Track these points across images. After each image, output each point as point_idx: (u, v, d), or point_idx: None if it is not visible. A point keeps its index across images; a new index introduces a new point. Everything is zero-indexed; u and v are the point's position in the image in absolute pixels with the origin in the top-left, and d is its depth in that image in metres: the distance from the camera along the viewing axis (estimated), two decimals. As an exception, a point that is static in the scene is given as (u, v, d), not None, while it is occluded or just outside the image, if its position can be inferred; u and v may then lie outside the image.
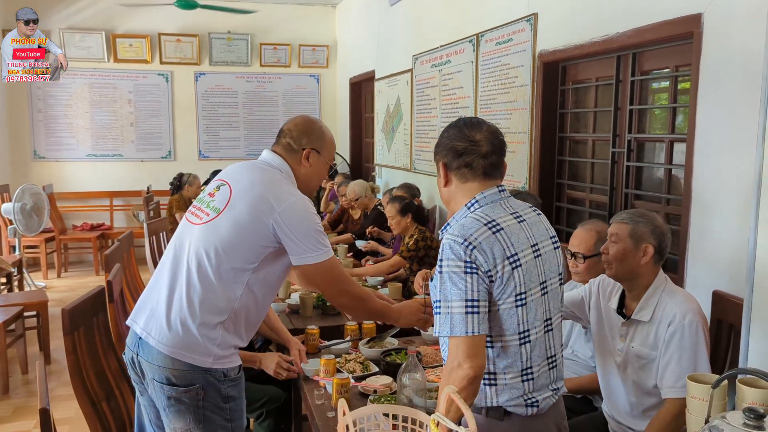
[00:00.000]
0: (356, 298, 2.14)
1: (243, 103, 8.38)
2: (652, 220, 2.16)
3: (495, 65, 4.19)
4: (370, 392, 2.47)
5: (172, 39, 8.02)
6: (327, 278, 2.05)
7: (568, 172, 3.74)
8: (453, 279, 1.57)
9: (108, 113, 7.94)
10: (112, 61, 7.90)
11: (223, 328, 1.94)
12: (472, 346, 1.55)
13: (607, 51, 3.19)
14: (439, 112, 5.11)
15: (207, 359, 1.92)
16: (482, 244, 1.58)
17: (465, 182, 1.70)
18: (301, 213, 1.99)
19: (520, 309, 1.64)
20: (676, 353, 2.02)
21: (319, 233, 2.01)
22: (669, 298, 2.10)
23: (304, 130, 2.17)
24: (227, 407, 1.98)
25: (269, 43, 8.32)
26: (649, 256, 2.11)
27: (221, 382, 1.96)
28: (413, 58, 5.65)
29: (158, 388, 1.92)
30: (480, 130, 1.70)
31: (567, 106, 3.70)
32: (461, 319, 1.55)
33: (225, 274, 1.93)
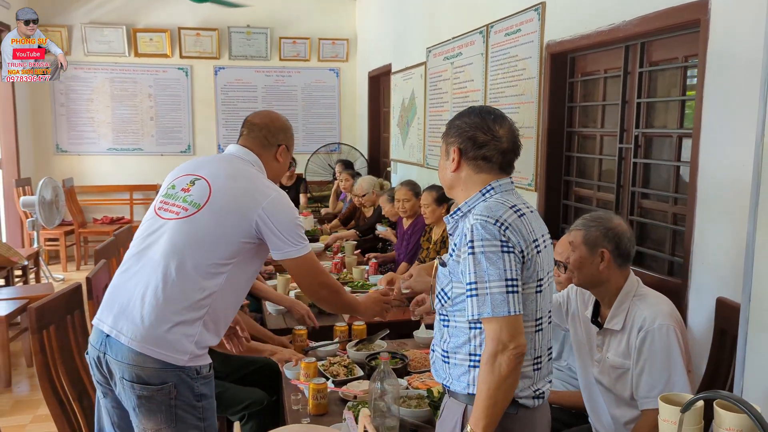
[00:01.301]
0: (333, 290, 2.19)
1: (262, 98, 8.34)
2: (605, 222, 2.04)
3: (504, 57, 4.03)
4: (350, 398, 2.38)
5: (192, 33, 8.02)
6: (308, 271, 2.08)
7: (576, 169, 3.57)
8: (490, 258, 1.53)
9: (128, 107, 7.98)
10: (132, 56, 7.93)
11: (203, 325, 1.91)
12: (515, 326, 1.52)
13: (614, 41, 3.02)
14: (451, 105, 4.97)
15: (183, 357, 1.87)
16: (512, 224, 1.56)
17: (478, 173, 1.67)
18: (284, 208, 2.01)
19: (539, 295, 1.63)
20: (648, 360, 1.90)
21: (300, 227, 2.05)
22: (640, 303, 1.99)
23: (280, 127, 2.22)
24: (200, 405, 1.94)
25: (288, 36, 8.26)
26: (607, 261, 1.99)
27: (194, 380, 1.91)
28: (427, 51, 5.52)
29: (128, 387, 1.86)
30: (503, 125, 1.68)
31: (576, 100, 3.53)
32: (503, 299, 1.51)
33: (204, 269, 1.90)
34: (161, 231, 1.95)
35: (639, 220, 3.00)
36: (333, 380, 2.51)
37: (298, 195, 7.15)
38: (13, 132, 7.14)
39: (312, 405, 2.30)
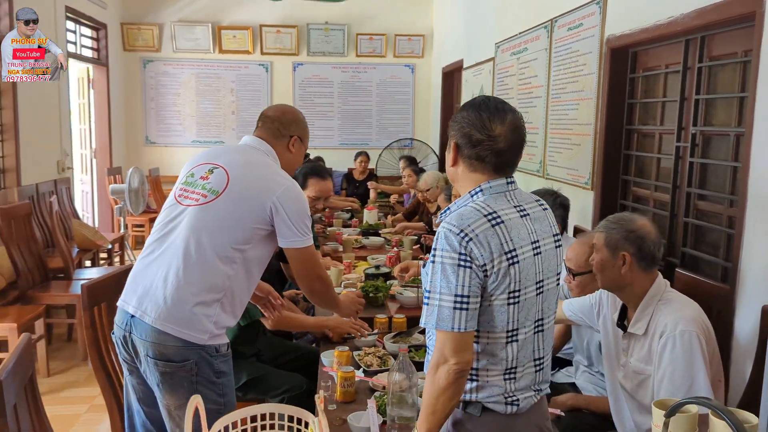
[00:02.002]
0: (326, 284, 2.28)
1: (338, 93, 8.50)
2: (628, 224, 1.96)
3: (566, 52, 3.94)
4: (379, 389, 2.41)
5: (273, 30, 8.27)
6: (307, 262, 2.15)
7: (635, 168, 3.44)
8: (445, 270, 1.49)
9: (212, 102, 8.35)
10: (217, 52, 8.28)
11: (220, 306, 2.00)
12: (460, 342, 1.49)
13: (673, 34, 2.89)
14: (516, 102, 4.90)
15: (203, 336, 1.97)
16: (479, 236, 1.49)
17: (473, 172, 1.61)
18: (297, 198, 2.08)
19: (512, 307, 1.54)
20: (669, 367, 1.82)
21: (308, 219, 2.11)
22: (664, 307, 1.90)
23: (292, 119, 2.27)
24: (219, 382, 2.02)
25: (365, 33, 8.37)
26: (629, 264, 1.91)
27: (214, 358, 2.00)
28: (495, 46, 5.46)
29: (152, 364, 1.97)
30: (502, 122, 1.57)
31: (636, 96, 3.40)
32: (449, 314, 1.49)
33: (221, 253, 1.99)
34: (181, 217, 2.05)
35: (694, 222, 2.86)
36: (365, 370, 2.56)
37: (368, 190, 7.25)
38: (107, 125, 7.64)
39: (339, 392, 2.34)
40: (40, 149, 5.84)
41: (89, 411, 3.65)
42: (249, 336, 2.87)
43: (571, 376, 2.67)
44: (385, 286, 3.48)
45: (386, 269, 3.90)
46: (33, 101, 5.62)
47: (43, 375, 4.09)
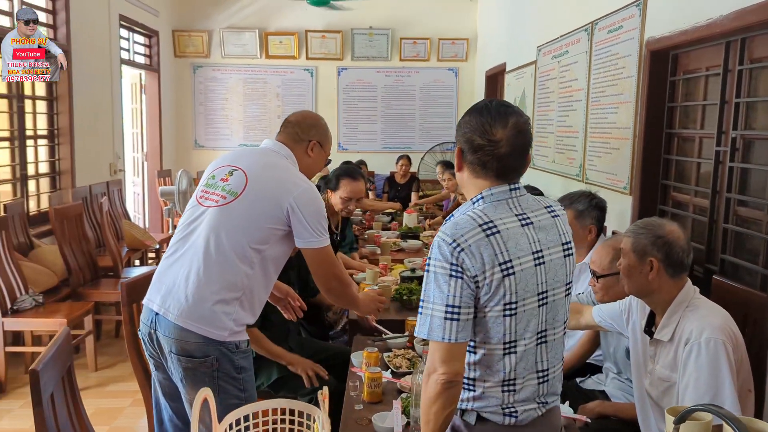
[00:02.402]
0: (344, 283, 2.30)
1: (381, 97, 8.56)
2: (656, 229, 1.92)
3: (606, 55, 3.89)
4: (407, 390, 2.44)
5: (318, 35, 8.40)
6: (324, 262, 2.19)
7: (675, 172, 3.37)
8: (438, 280, 1.49)
9: (258, 106, 8.52)
10: (263, 58, 8.45)
11: (239, 305, 2.07)
12: (449, 353, 1.48)
13: (712, 36, 2.83)
14: (556, 105, 4.86)
15: (223, 333, 2.04)
16: (471, 246, 1.47)
17: (476, 177, 1.59)
18: (314, 200, 2.13)
19: (508, 319, 1.51)
20: (693, 375, 1.79)
21: (324, 219, 2.15)
22: (691, 314, 1.86)
23: (312, 124, 2.32)
24: (240, 377, 2.09)
25: (409, 37, 8.41)
26: (656, 270, 1.88)
27: (234, 354, 2.07)
28: (537, 50, 5.42)
29: (175, 360, 2.05)
30: (504, 126, 1.53)
31: (677, 99, 3.33)
32: (440, 324, 1.48)
33: (240, 252, 2.05)
34: (202, 217, 2.12)
35: (734, 228, 2.79)
36: (393, 371, 2.59)
37: (410, 193, 7.27)
38: (157, 128, 7.89)
39: (366, 393, 2.38)
40: (94, 152, 6.08)
41: (132, 405, 3.78)
42: (280, 334, 2.94)
43: (601, 383, 2.64)
44: (418, 289, 3.50)
45: (422, 272, 3.92)
46: (88, 106, 5.86)
47: (91, 369, 4.25)
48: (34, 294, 4.13)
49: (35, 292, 4.18)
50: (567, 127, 4.62)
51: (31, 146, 5.21)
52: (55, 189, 5.54)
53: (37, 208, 5.31)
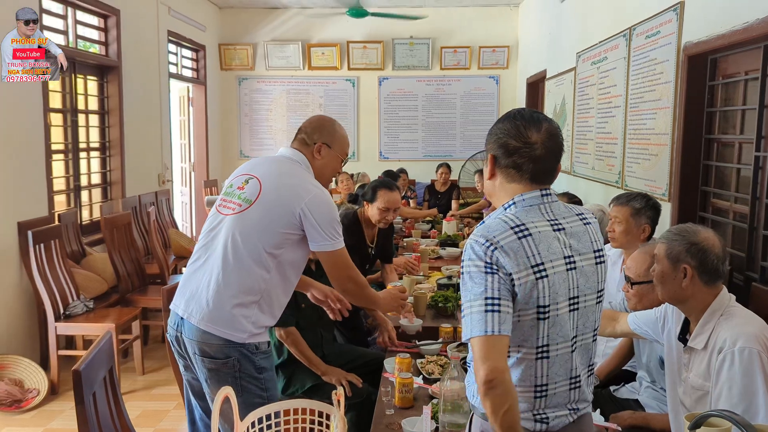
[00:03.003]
0: (359, 285, 2.33)
1: (422, 106, 8.61)
2: (690, 236, 1.88)
3: (644, 61, 3.85)
4: (438, 396, 2.46)
5: (359, 46, 8.51)
6: (339, 265, 2.25)
7: (714, 179, 3.31)
8: (473, 278, 1.48)
9: (301, 116, 8.66)
10: (306, 69, 8.62)
11: (258, 308, 2.15)
12: (490, 347, 1.43)
13: (749, 40, 2.78)
14: (596, 112, 4.81)
15: (242, 335, 2.12)
16: (504, 246, 1.48)
17: (510, 182, 1.59)
18: (325, 204, 2.19)
19: (542, 322, 1.52)
20: (726, 384, 1.75)
21: (337, 224, 2.22)
22: (726, 322, 1.83)
23: (316, 127, 2.36)
24: (261, 377, 2.16)
25: (449, 46, 8.44)
26: (690, 278, 1.85)
27: (254, 354, 2.15)
28: (577, 56, 5.38)
29: (199, 361, 2.14)
30: (538, 130, 1.56)
31: (716, 104, 3.27)
32: (480, 318, 1.45)
33: (256, 258, 2.13)
34: (221, 225, 2.21)
35: (775, 235, 2.73)
36: (425, 377, 2.62)
37: (450, 201, 7.28)
38: (204, 139, 8.12)
39: (398, 398, 2.42)
40: (143, 163, 6.31)
41: (177, 408, 3.90)
42: (314, 341, 3.00)
43: (635, 392, 2.61)
44: (454, 296, 3.52)
45: (458, 280, 3.93)
46: (137, 119, 6.09)
47: (138, 373, 4.41)
48: (85, 300, 4.31)
49: (86, 298, 4.36)
50: (606, 133, 4.58)
51: (84, 158, 5.44)
52: (107, 199, 5.77)
53: (90, 218, 5.54)
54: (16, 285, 4.27)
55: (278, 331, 2.93)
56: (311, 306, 3.04)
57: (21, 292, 4.30)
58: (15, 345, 4.19)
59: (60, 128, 5.09)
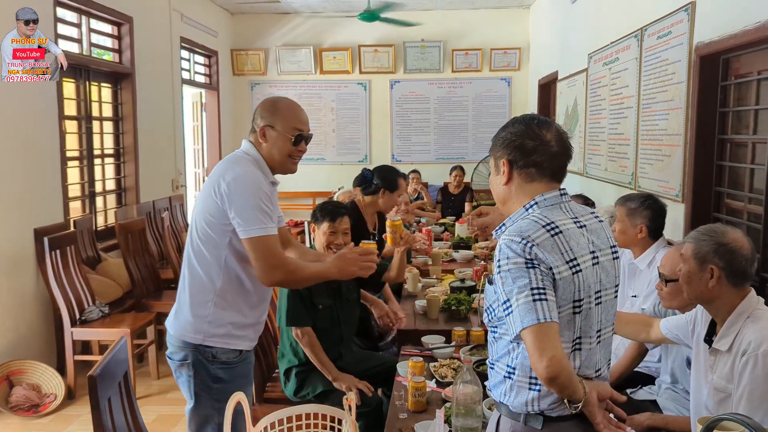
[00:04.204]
0: (288, 272, 2.10)
1: (434, 109, 8.62)
2: (719, 236, 1.87)
3: (655, 61, 3.83)
4: (451, 399, 2.46)
5: (371, 50, 8.53)
6: (258, 253, 2.04)
7: (728, 179, 3.28)
8: (514, 274, 1.49)
9: (313, 120, 8.61)
10: (318, 73, 8.65)
11: (214, 306, 2.12)
12: (543, 336, 1.44)
13: (761, 40, 2.76)
14: (608, 113, 4.79)
15: (198, 336, 2.11)
16: (540, 244, 1.50)
17: (530, 182, 1.61)
18: (245, 185, 2.04)
19: (577, 316, 1.55)
20: (747, 387, 1.74)
21: (259, 209, 2.03)
22: (752, 324, 1.81)
23: (259, 111, 2.23)
24: (215, 387, 2.13)
25: (461, 48, 8.45)
26: (716, 279, 1.83)
27: (210, 362, 2.13)
28: (588, 57, 5.36)
29: (168, 360, 2.21)
30: (549, 129, 1.61)
31: (729, 104, 3.25)
32: (529, 308, 1.45)
33: (202, 254, 2.12)
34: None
35: (789, 236, 2.70)
36: (438, 381, 2.61)
37: (463, 203, 7.28)
38: (217, 145, 8.17)
39: (411, 402, 2.41)
40: (157, 169, 6.36)
41: (191, 411, 3.93)
42: (331, 342, 3.01)
43: (653, 394, 2.60)
44: (467, 299, 3.52)
45: (471, 283, 3.93)
46: (151, 126, 6.15)
47: (153, 377, 4.44)
48: (100, 305, 4.35)
49: (102, 303, 4.41)
50: (618, 134, 4.55)
51: (99, 164, 5.50)
52: (121, 205, 5.82)
53: (104, 224, 5.59)
54: (33, 291, 4.32)
55: (294, 331, 2.95)
56: (328, 307, 3.06)
57: (37, 298, 4.35)
58: (32, 350, 4.24)
59: (75, 135, 5.15)
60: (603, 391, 1.56)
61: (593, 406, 1.52)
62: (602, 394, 1.55)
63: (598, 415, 1.52)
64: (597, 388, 1.55)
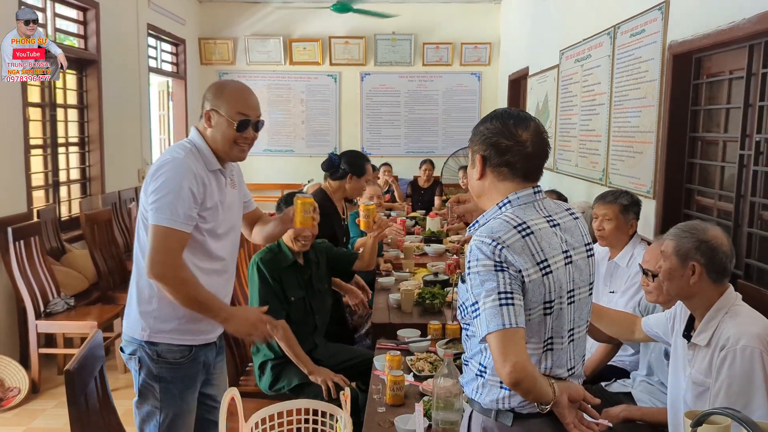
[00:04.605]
0: (177, 278, 1.95)
1: (404, 102, 8.62)
2: (700, 233, 1.90)
3: (628, 59, 3.88)
4: (429, 393, 2.46)
5: (341, 42, 8.47)
6: (158, 244, 1.93)
7: (699, 176, 3.35)
8: (482, 277, 1.48)
9: (283, 112, 8.62)
10: (287, 64, 8.56)
11: (158, 300, 2.05)
12: (508, 342, 1.44)
13: (735, 40, 2.82)
14: (579, 109, 4.85)
15: (144, 333, 2.06)
16: (511, 246, 1.49)
17: (502, 181, 1.60)
18: (167, 174, 1.95)
19: (548, 318, 1.55)
20: (725, 381, 1.77)
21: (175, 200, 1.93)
22: (730, 320, 1.85)
23: (205, 95, 2.12)
24: (157, 387, 2.09)
25: (432, 42, 8.45)
26: (698, 275, 1.87)
27: (153, 361, 2.07)
28: (560, 53, 5.41)
29: (120, 350, 2.18)
30: (527, 128, 1.58)
31: (700, 103, 3.32)
32: (495, 313, 1.45)
33: (143, 249, 2.03)
34: None
35: (758, 232, 2.77)
36: (415, 374, 2.61)
37: (433, 197, 7.30)
38: (184, 135, 7.97)
39: (389, 395, 2.40)
40: (123, 159, 6.22)
41: (161, 406, 3.86)
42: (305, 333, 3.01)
43: (627, 387, 2.64)
44: (441, 293, 3.53)
45: (444, 276, 3.94)
46: (117, 114, 6.00)
47: (120, 371, 4.34)
48: (65, 297, 4.23)
49: (67, 295, 4.29)
50: (590, 131, 4.61)
51: (63, 153, 5.34)
52: (86, 195, 5.67)
53: (69, 214, 5.44)
54: (-5, 282, 4.19)
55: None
56: (300, 298, 3.04)
57: (0, 289, 4.21)
58: (-6, 344, 4.11)
59: (39, 123, 5.00)
60: (574, 393, 1.55)
61: (563, 407, 1.53)
62: (573, 396, 1.55)
63: (568, 416, 1.53)
64: (568, 390, 1.54)
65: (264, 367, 3.00)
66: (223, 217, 2.14)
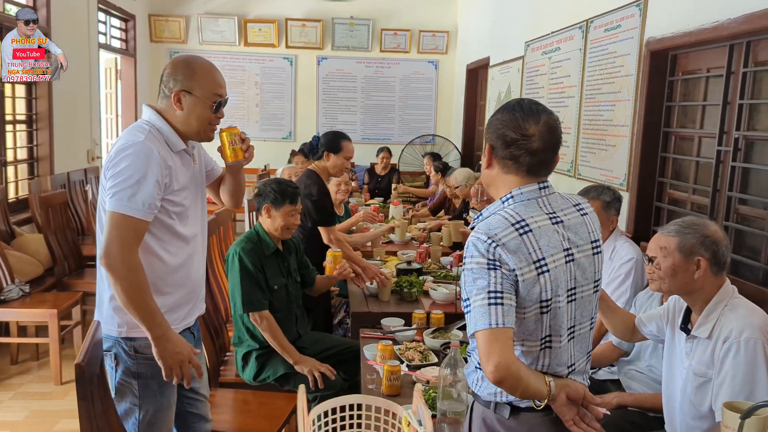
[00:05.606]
0: (128, 267, 1.84)
1: (361, 88, 8.54)
2: (701, 229, 1.96)
3: (602, 53, 3.96)
4: (423, 382, 2.46)
5: (298, 24, 8.31)
6: (114, 231, 1.84)
7: (671, 171, 3.46)
8: (475, 274, 1.49)
9: (236, 94, 8.39)
10: (242, 45, 8.33)
11: None
12: (493, 341, 1.44)
13: (717, 39, 2.92)
14: (546, 101, 4.92)
15: (121, 329, 1.97)
16: (506, 244, 1.49)
17: (507, 173, 1.60)
18: (128, 158, 1.86)
19: (545, 316, 1.54)
20: (730, 372, 1.84)
21: (136, 186, 1.85)
22: (731, 313, 1.91)
23: (171, 73, 2.01)
24: (135, 384, 2.00)
25: (390, 28, 8.40)
26: (703, 269, 1.92)
27: (130, 357, 1.99)
28: (525, 45, 5.48)
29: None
30: (536, 122, 1.56)
31: (675, 99, 3.42)
32: (483, 312, 1.45)
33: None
34: None
35: (735, 226, 2.89)
36: (408, 364, 2.61)
37: (390, 184, 7.30)
38: (133, 115, 7.70)
39: (385, 385, 2.39)
40: (72, 138, 5.92)
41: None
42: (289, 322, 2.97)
43: (614, 374, 2.70)
44: (419, 282, 3.53)
45: (417, 265, 3.95)
46: (66, 91, 5.70)
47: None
48: (20, 284, 4.01)
49: (21, 281, 4.07)
50: (558, 122, 4.69)
51: (10, 131, 5.05)
52: (33, 176, 5.38)
53: (15, 196, 5.15)
54: (-58, 268, 3.92)
55: (252, 316, 2.85)
56: (283, 286, 2.98)
57: (-53, 275, 3.95)
58: (-59, 333, 3.86)
59: (-15, 98, 4.69)
60: (574, 392, 1.56)
61: (561, 405, 1.55)
62: (572, 394, 1.56)
63: (567, 414, 1.55)
64: (566, 389, 1.55)
65: (248, 357, 2.93)
66: (192, 197, 2.08)
